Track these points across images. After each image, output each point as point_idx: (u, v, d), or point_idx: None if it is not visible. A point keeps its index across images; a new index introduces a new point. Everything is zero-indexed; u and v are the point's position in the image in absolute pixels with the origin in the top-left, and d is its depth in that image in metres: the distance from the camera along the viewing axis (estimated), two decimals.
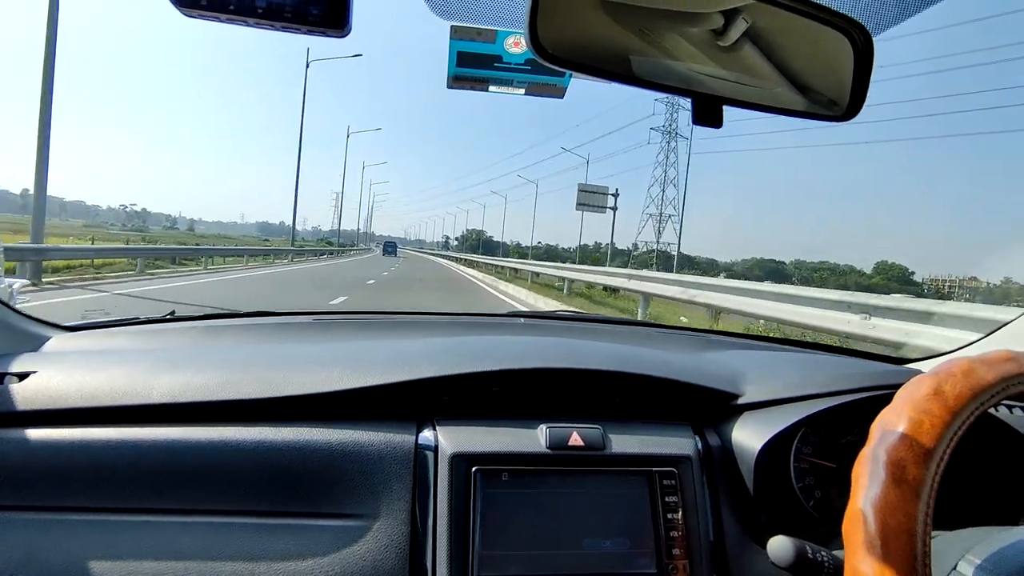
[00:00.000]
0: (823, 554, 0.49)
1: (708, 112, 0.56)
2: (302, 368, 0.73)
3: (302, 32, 0.49)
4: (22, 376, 0.69)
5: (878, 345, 4.31)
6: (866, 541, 0.38)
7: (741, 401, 0.78)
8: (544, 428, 0.69)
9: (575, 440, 0.69)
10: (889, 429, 0.41)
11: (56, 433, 0.64)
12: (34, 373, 0.70)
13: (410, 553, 0.63)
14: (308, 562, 0.61)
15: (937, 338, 3.74)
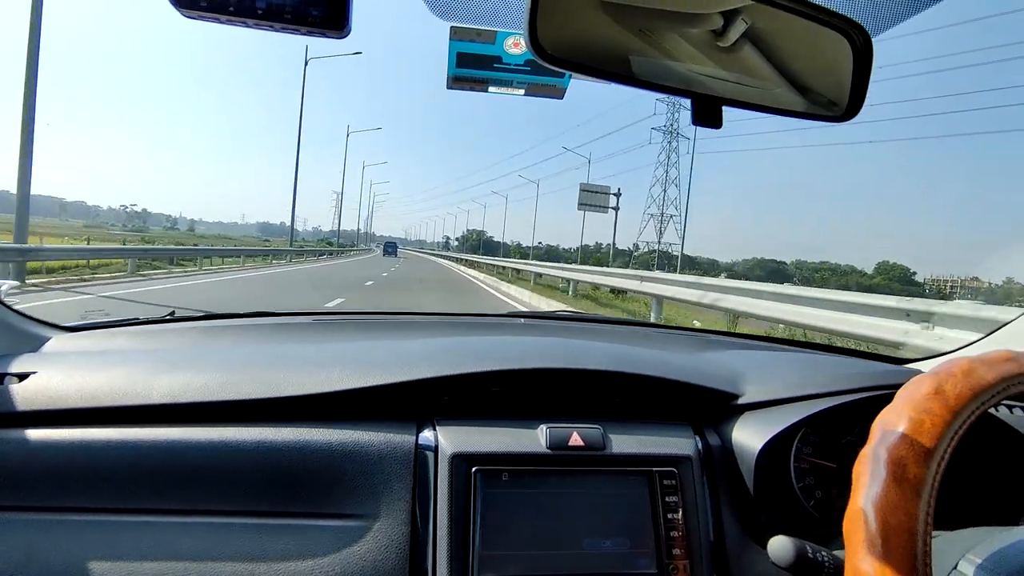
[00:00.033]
0: (823, 554, 0.49)
1: (708, 113, 0.56)
2: (302, 368, 0.73)
3: (302, 33, 0.49)
4: (22, 376, 0.69)
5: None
6: (867, 540, 0.38)
7: (741, 401, 0.78)
8: (544, 428, 0.70)
9: (575, 440, 0.69)
10: (890, 428, 0.41)
11: (56, 433, 0.64)
12: (34, 373, 0.70)
13: (410, 553, 0.63)
14: (308, 562, 0.61)
15: None
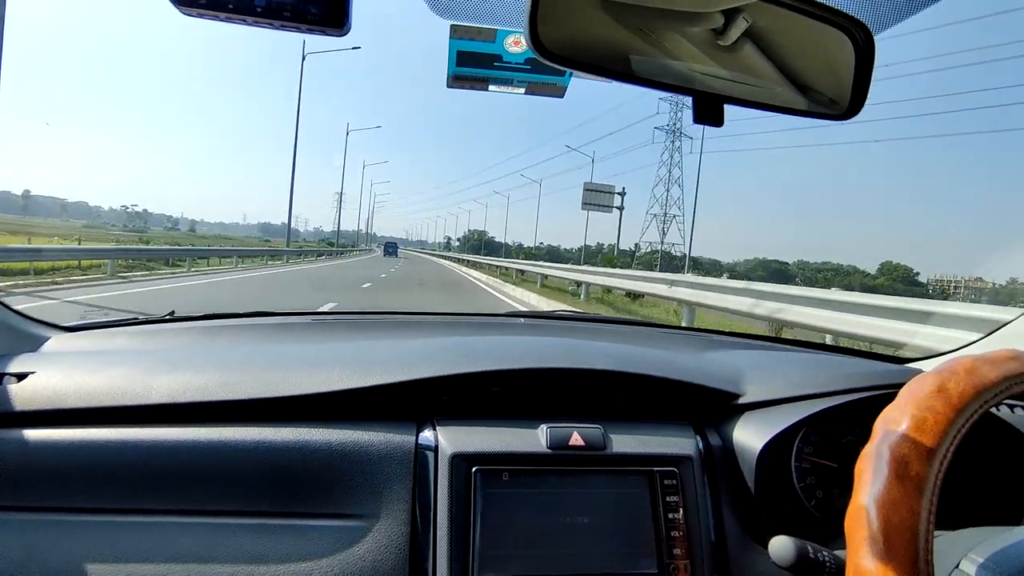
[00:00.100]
0: (824, 554, 0.49)
1: (709, 111, 0.56)
2: (301, 368, 0.73)
3: (302, 31, 0.49)
4: (21, 376, 0.69)
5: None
6: (869, 537, 0.38)
7: (742, 401, 0.77)
8: (544, 428, 0.69)
9: (576, 440, 0.69)
10: (892, 426, 0.41)
11: (55, 434, 0.64)
12: (33, 373, 0.70)
13: (410, 553, 0.63)
14: (308, 563, 0.61)
15: None
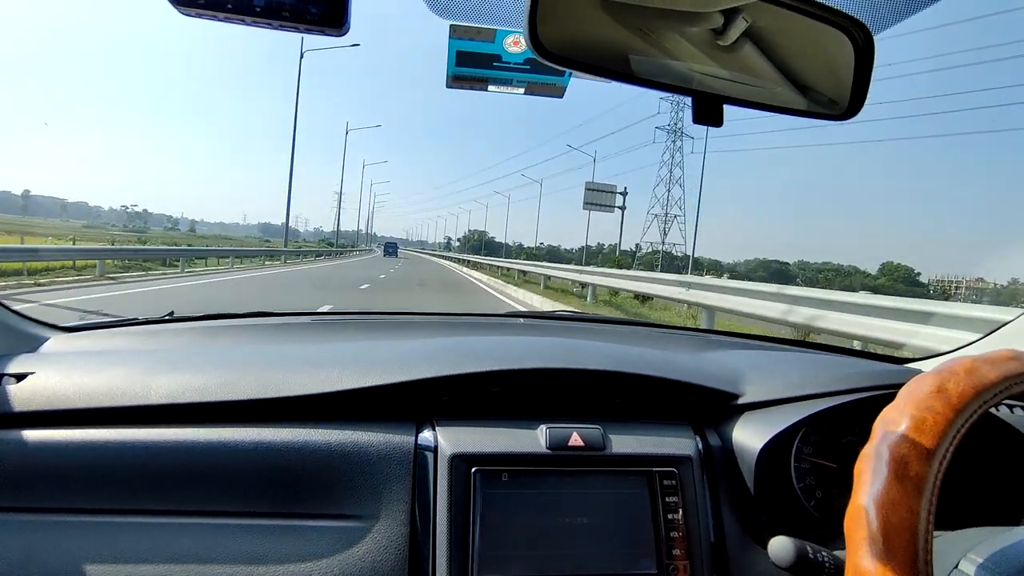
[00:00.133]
0: (824, 554, 0.49)
1: (708, 111, 0.56)
2: (301, 369, 0.73)
3: (300, 31, 0.49)
4: (20, 377, 0.69)
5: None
6: (868, 537, 0.38)
7: (741, 401, 0.77)
8: (544, 428, 0.69)
9: (575, 440, 0.69)
10: (892, 426, 0.41)
11: (55, 434, 0.64)
12: (32, 374, 0.70)
13: (410, 554, 0.62)
14: (308, 563, 0.61)
15: None
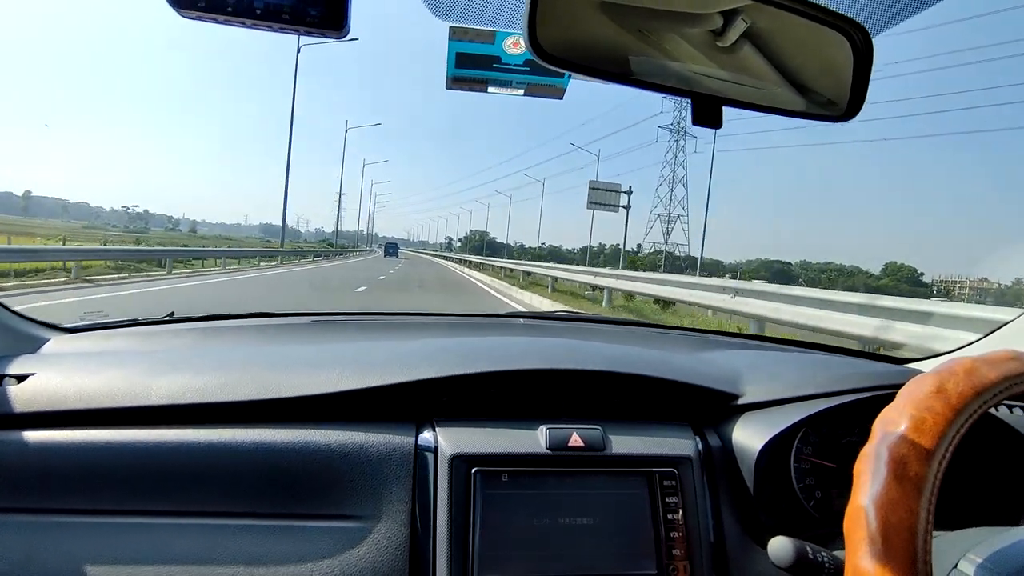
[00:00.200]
0: (823, 554, 0.49)
1: (707, 113, 0.56)
2: (301, 369, 0.73)
3: (300, 33, 0.49)
4: (21, 378, 0.69)
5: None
6: (867, 538, 0.38)
7: (741, 401, 0.78)
8: (544, 429, 0.69)
9: (575, 441, 0.69)
10: (891, 427, 0.41)
11: (55, 435, 0.64)
12: (33, 375, 0.70)
13: (410, 554, 0.63)
14: (308, 564, 0.61)
15: None
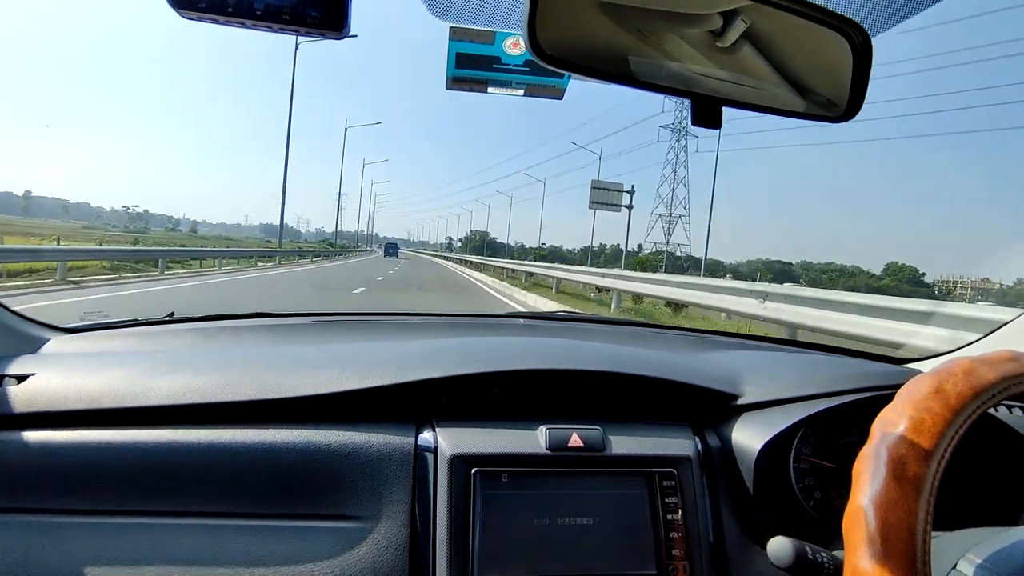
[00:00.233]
0: (823, 555, 0.49)
1: (707, 113, 0.56)
2: (301, 370, 0.73)
3: (300, 34, 0.49)
4: (21, 378, 0.69)
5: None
6: (866, 538, 0.38)
7: (741, 402, 0.78)
8: (544, 429, 0.69)
9: (575, 441, 0.69)
10: (890, 427, 0.41)
11: (55, 435, 0.64)
12: (33, 375, 0.70)
13: (410, 555, 0.63)
14: (308, 564, 0.61)
15: None
